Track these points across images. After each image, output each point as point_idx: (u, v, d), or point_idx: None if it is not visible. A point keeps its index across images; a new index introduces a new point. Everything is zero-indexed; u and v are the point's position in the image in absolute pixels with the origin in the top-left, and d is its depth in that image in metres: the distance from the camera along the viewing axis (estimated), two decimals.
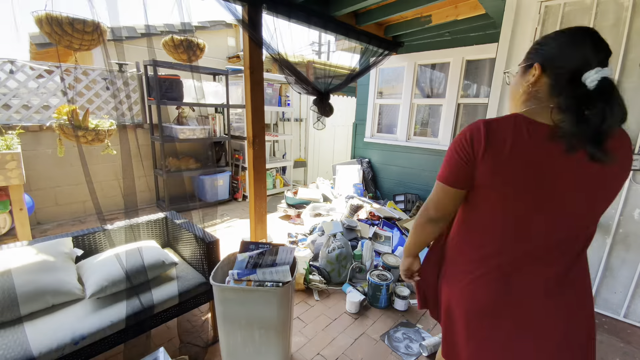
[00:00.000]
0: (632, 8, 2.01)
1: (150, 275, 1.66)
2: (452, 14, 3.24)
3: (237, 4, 2.34)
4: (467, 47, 3.74)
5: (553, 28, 2.29)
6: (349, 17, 3.35)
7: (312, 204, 4.02)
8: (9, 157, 2.16)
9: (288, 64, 2.76)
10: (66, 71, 3.53)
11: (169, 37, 2.48)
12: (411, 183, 4.51)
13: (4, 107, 3.25)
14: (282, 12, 2.61)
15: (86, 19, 1.66)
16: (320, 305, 2.31)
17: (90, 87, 3.73)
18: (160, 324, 1.62)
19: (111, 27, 3.95)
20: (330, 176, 5.64)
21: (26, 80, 3.33)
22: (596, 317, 2.30)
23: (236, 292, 1.48)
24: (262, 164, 2.70)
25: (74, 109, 1.95)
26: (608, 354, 1.95)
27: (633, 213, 2.15)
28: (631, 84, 2.06)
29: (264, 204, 2.77)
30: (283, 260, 1.59)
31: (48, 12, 1.59)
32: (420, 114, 4.48)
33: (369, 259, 2.72)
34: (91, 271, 1.59)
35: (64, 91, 3.57)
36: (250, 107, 2.54)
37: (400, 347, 1.93)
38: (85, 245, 1.84)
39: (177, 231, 2.07)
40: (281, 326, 1.54)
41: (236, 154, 4.95)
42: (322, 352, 1.87)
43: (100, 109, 3.81)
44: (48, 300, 1.44)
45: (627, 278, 2.22)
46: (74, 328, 1.34)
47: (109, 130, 2.07)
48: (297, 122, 5.85)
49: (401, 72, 4.47)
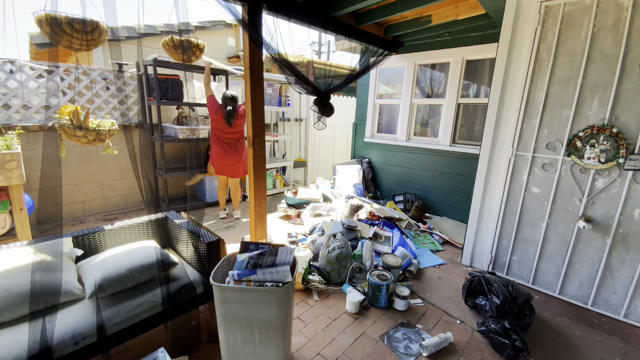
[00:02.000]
0: (632, 8, 2.01)
1: (150, 276, 1.66)
2: (452, 14, 3.24)
3: (237, 4, 2.34)
4: (467, 47, 3.74)
5: (553, 28, 2.30)
6: (349, 17, 3.35)
7: (312, 204, 4.02)
8: (9, 157, 2.16)
9: (288, 64, 2.76)
10: (66, 71, 3.53)
11: (168, 37, 2.47)
12: (411, 183, 4.51)
13: (4, 107, 3.25)
14: (282, 12, 2.61)
15: (86, 19, 1.66)
16: (320, 305, 2.31)
17: (90, 87, 3.73)
18: (160, 323, 1.62)
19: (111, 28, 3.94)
20: (330, 176, 5.64)
21: (26, 80, 3.33)
22: (596, 317, 2.31)
23: (236, 292, 1.48)
24: (262, 164, 2.70)
25: (76, 109, 1.95)
26: (608, 354, 1.95)
27: (633, 213, 2.15)
28: (631, 84, 2.06)
29: (264, 204, 2.77)
30: (283, 260, 1.59)
31: (48, 12, 1.59)
32: (420, 114, 4.48)
33: (369, 259, 2.72)
34: (91, 271, 1.59)
35: (64, 91, 3.58)
36: (250, 107, 2.54)
37: (399, 347, 1.93)
38: (85, 245, 1.84)
39: (177, 231, 2.07)
40: (281, 326, 1.54)
41: None
42: (322, 352, 1.87)
43: (100, 109, 3.81)
44: (48, 300, 1.44)
45: (627, 278, 2.22)
46: (73, 328, 1.34)
47: (110, 130, 2.07)
48: (297, 122, 5.85)
49: (401, 72, 4.47)
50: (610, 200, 2.21)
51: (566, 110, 2.31)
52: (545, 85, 2.36)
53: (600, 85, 2.16)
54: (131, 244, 1.84)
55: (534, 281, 2.63)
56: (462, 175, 3.95)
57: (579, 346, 2.01)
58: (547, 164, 2.44)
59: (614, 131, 2.12)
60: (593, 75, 2.18)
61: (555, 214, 2.45)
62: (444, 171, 4.13)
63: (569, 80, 2.27)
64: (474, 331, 2.10)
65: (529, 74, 2.42)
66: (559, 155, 2.37)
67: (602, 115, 2.17)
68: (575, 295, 2.46)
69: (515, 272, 2.73)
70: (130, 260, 1.64)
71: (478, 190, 2.83)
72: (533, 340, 2.02)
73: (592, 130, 2.20)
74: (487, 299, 2.12)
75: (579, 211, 2.34)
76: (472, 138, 3.97)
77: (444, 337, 1.93)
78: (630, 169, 2.10)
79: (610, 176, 2.19)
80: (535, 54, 2.38)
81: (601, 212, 2.26)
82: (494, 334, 1.94)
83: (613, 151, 2.14)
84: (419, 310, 2.30)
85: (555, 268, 2.51)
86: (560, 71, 2.31)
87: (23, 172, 2.25)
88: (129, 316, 1.47)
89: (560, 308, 2.40)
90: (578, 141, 2.26)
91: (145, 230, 2.08)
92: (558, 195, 2.42)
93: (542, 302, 2.46)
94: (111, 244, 1.93)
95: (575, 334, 2.13)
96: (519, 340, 1.85)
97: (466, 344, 1.98)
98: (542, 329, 2.16)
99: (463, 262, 3.02)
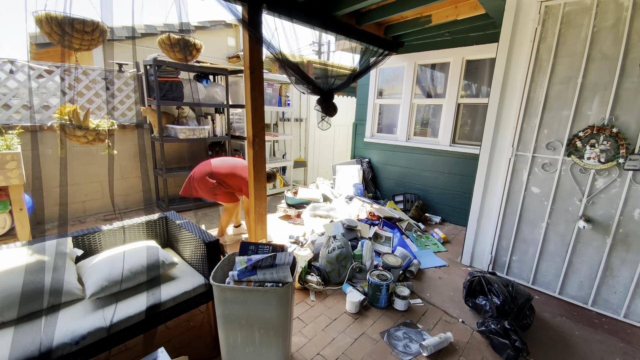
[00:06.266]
0: (632, 8, 2.01)
1: (150, 276, 1.66)
2: (452, 14, 3.24)
3: (237, 4, 2.34)
4: (467, 47, 3.74)
5: (553, 28, 2.30)
6: (349, 17, 3.35)
7: (312, 204, 4.02)
8: (9, 157, 2.16)
9: (290, 63, 2.76)
10: (66, 71, 3.53)
11: (165, 35, 2.45)
12: (411, 183, 4.51)
13: (4, 107, 3.24)
14: (282, 12, 2.61)
15: (86, 19, 1.66)
16: (320, 305, 2.30)
17: (90, 87, 3.73)
18: (160, 324, 1.62)
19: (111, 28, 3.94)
20: (330, 176, 5.64)
21: (26, 80, 3.33)
22: (596, 317, 2.31)
23: (236, 292, 1.48)
24: (262, 164, 2.70)
25: (75, 109, 1.94)
26: (608, 354, 1.95)
27: (633, 213, 2.15)
28: (631, 84, 2.06)
29: (264, 204, 2.77)
30: (283, 260, 1.59)
31: (48, 12, 1.59)
32: (420, 114, 4.48)
33: (369, 259, 2.71)
34: (91, 271, 1.59)
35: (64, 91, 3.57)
36: (250, 107, 2.54)
37: (398, 345, 1.93)
38: (85, 245, 1.83)
39: (177, 231, 2.07)
40: (281, 326, 1.53)
41: (236, 154, 4.95)
42: (322, 352, 1.87)
43: (100, 109, 3.81)
44: (48, 300, 1.44)
45: (627, 278, 2.22)
46: (73, 328, 1.34)
47: (109, 130, 2.07)
48: (297, 122, 5.85)
49: (401, 72, 4.47)
50: (610, 200, 2.21)
51: (566, 110, 2.31)
52: (545, 85, 2.36)
53: (600, 85, 2.16)
54: (131, 244, 1.84)
55: (534, 281, 2.63)
56: (462, 175, 3.95)
57: (579, 346, 2.01)
58: (547, 164, 2.44)
59: (614, 131, 2.12)
60: (593, 75, 2.18)
61: (555, 214, 2.45)
62: (444, 171, 4.13)
63: (569, 80, 2.27)
64: (474, 331, 2.10)
65: (529, 73, 2.42)
66: (559, 155, 2.37)
67: (602, 115, 2.17)
68: (575, 295, 2.46)
69: (515, 272, 2.73)
70: (130, 260, 1.64)
71: (478, 190, 2.83)
72: (533, 341, 2.02)
73: (592, 130, 2.20)
74: (487, 299, 2.12)
75: (579, 211, 2.34)
76: (472, 138, 3.97)
77: (444, 337, 1.93)
78: (630, 169, 2.10)
79: (610, 176, 2.19)
80: (535, 54, 2.38)
81: (601, 212, 2.26)
82: (494, 334, 1.94)
83: (613, 151, 2.14)
84: (419, 310, 2.30)
85: (555, 268, 2.51)
86: (560, 71, 2.30)
87: (23, 172, 2.25)
88: (129, 316, 1.47)
89: (560, 308, 2.40)
90: (578, 141, 2.26)
91: (145, 230, 2.08)
92: (558, 195, 2.42)
93: (542, 302, 2.46)
94: (111, 244, 1.93)
95: (575, 334, 2.13)
96: (519, 341, 1.85)
97: (466, 344, 1.98)
98: (542, 329, 2.15)
99: (463, 262, 3.02)
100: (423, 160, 4.32)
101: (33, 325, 1.35)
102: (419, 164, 4.37)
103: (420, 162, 4.36)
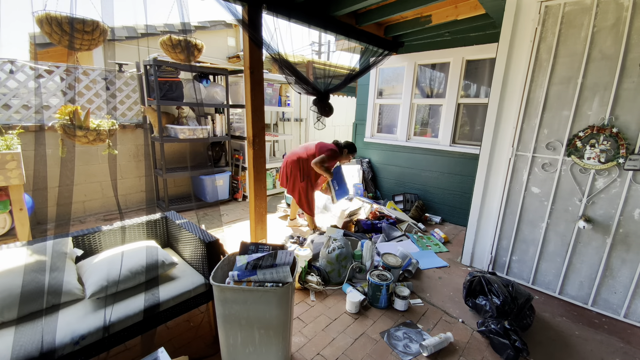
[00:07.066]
0: (632, 8, 2.01)
1: (150, 276, 1.66)
2: (452, 14, 3.24)
3: (237, 4, 2.34)
4: (467, 47, 3.74)
5: (553, 28, 2.30)
6: (349, 17, 3.35)
7: None
8: (9, 157, 2.16)
9: (288, 64, 2.76)
10: (66, 71, 3.53)
11: (166, 36, 2.45)
12: (411, 183, 4.51)
13: (4, 107, 3.25)
14: (282, 12, 2.61)
15: (85, 19, 1.65)
16: (320, 305, 2.30)
17: (90, 87, 3.73)
18: (160, 324, 1.62)
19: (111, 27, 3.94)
20: None
21: (26, 80, 3.33)
22: (596, 317, 2.31)
23: (236, 292, 1.48)
24: (262, 164, 2.70)
25: (76, 109, 1.94)
26: (608, 354, 1.95)
27: (633, 213, 2.15)
28: (631, 84, 2.06)
29: (264, 204, 2.77)
30: (283, 260, 1.59)
31: (48, 12, 1.59)
32: (420, 114, 4.48)
33: (369, 259, 2.72)
34: (91, 271, 1.59)
35: (64, 91, 3.57)
36: (250, 107, 2.54)
37: (398, 345, 1.93)
38: (85, 245, 1.84)
39: (177, 231, 2.07)
40: (281, 326, 1.54)
41: (236, 154, 4.95)
42: (322, 352, 1.87)
43: (100, 109, 3.81)
44: (48, 300, 1.44)
45: (627, 278, 2.22)
46: (73, 328, 1.34)
47: (110, 130, 2.07)
48: (297, 122, 5.85)
49: (401, 72, 4.47)
50: (610, 200, 2.21)
51: (566, 110, 2.31)
52: (545, 85, 2.36)
53: (600, 85, 2.16)
54: (131, 244, 1.84)
55: (534, 281, 2.63)
56: (462, 175, 3.95)
57: (579, 346, 2.01)
58: (547, 164, 2.44)
59: (614, 131, 2.12)
60: (593, 75, 2.18)
61: (555, 214, 2.45)
62: (444, 171, 4.12)
63: (569, 80, 2.27)
64: (474, 331, 2.10)
65: (529, 74, 2.42)
66: (559, 155, 2.37)
67: (602, 115, 2.17)
68: (575, 295, 2.46)
69: (515, 272, 2.73)
70: (130, 260, 1.64)
71: (478, 190, 2.83)
72: (533, 341, 2.02)
73: (592, 130, 2.20)
74: (487, 299, 2.12)
75: (579, 211, 2.34)
76: (472, 138, 3.97)
77: (444, 337, 1.93)
78: (630, 169, 2.10)
79: (610, 176, 2.19)
80: (535, 54, 2.38)
81: (601, 212, 2.26)
82: (494, 334, 1.94)
83: (613, 151, 2.14)
84: (419, 310, 2.30)
85: (555, 268, 2.51)
86: (560, 71, 2.30)
87: (23, 172, 2.25)
88: (129, 316, 1.47)
89: (560, 308, 2.40)
90: (578, 141, 2.26)
91: (145, 230, 2.08)
92: (558, 195, 2.42)
93: (542, 302, 2.46)
94: (111, 244, 1.93)
95: (575, 334, 2.13)
96: (518, 341, 1.85)
97: (466, 344, 1.98)
98: (542, 329, 2.15)
99: (463, 262, 3.02)
100: (423, 160, 4.32)
101: (33, 325, 1.34)
102: (419, 164, 4.37)
103: (420, 162, 4.36)
